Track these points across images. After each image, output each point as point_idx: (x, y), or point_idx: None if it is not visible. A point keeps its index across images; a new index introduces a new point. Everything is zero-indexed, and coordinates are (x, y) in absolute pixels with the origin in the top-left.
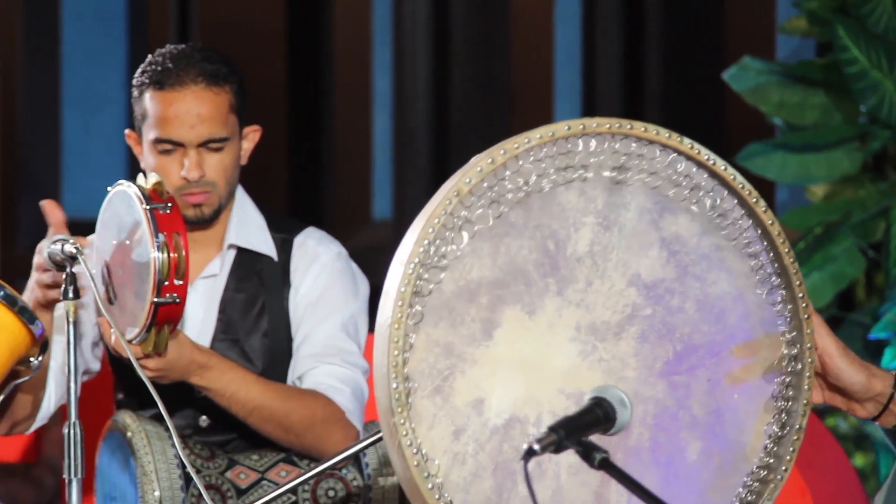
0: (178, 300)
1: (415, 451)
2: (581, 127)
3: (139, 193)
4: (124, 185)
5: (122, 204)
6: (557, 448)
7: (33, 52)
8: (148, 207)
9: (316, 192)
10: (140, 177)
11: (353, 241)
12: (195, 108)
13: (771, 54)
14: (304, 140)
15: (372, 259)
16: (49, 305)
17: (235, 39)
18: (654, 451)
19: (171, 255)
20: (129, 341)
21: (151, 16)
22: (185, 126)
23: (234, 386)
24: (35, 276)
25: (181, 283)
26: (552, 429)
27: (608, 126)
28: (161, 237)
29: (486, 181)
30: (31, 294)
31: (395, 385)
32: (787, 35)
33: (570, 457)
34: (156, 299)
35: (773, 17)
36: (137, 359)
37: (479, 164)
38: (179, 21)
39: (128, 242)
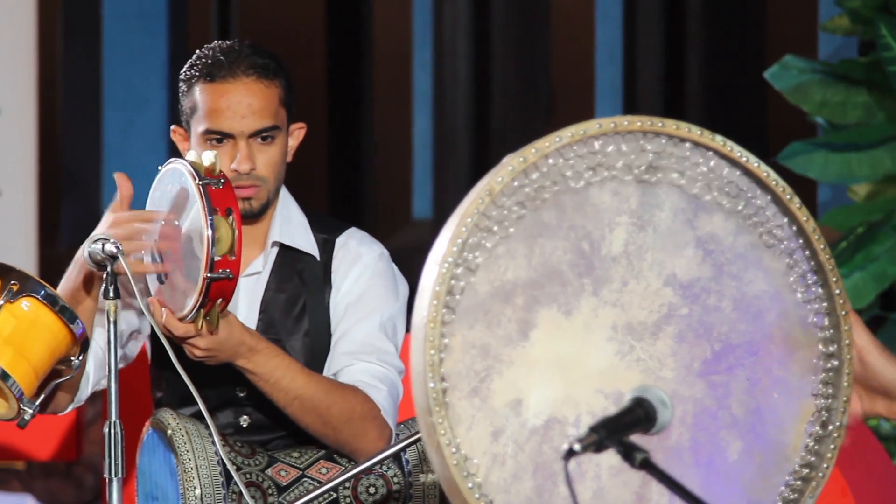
0: (231, 276)
1: (453, 449)
2: (612, 125)
3: (192, 169)
4: (176, 162)
5: (174, 181)
6: (598, 448)
7: (74, 52)
8: (201, 182)
9: (356, 192)
10: (193, 153)
11: (392, 241)
12: (246, 99)
13: (813, 53)
14: (345, 140)
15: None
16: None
17: (275, 39)
18: (694, 451)
19: (224, 230)
20: (181, 319)
21: (192, 15)
22: (236, 117)
23: (280, 372)
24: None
25: (234, 258)
26: (593, 429)
27: (639, 124)
28: (214, 212)
29: (518, 180)
30: (79, 272)
31: (431, 384)
32: (829, 33)
33: (610, 457)
34: (209, 275)
35: (816, 16)
36: (187, 338)
37: (510, 163)
38: (220, 20)
39: (179, 220)
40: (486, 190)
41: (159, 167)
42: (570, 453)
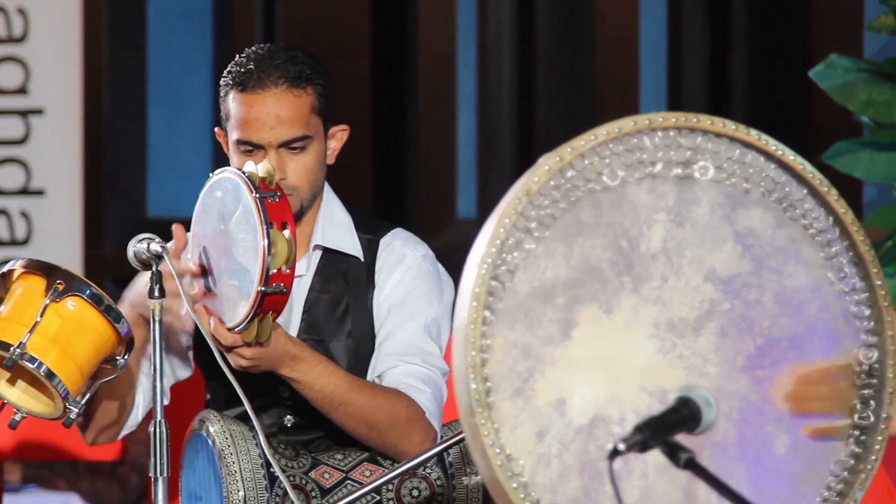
0: (284, 290)
1: (497, 450)
2: (647, 122)
3: (248, 181)
4: (229, 172)
5: (227, 190)
6: (643, 448)
7: (119, 52)
8: (258, 195)
9: (400, 191)
10: (250, 164)
11: (437, 240)
12: (275, 111)
13: (858, 52)
14: (389, 139)
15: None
16: (148, 323)
17: (320, 38)
18: (741, 447)
19: (280, 243)
20: (230, 329)
21: (237, 15)
22: (264, 128)
23: (324, 380)
24: (134, 290)
25: (288, 272)
26: (637, 428)
27: (674, 120)
28: (270, 225)
29: (555, 180)
30: (133, 310)
31: (474, 385)
32: (874, 32)
33: (657, 455)
34: (262, 288)
35: (861, 15)
36: (235, 347)
37: (546, 162)
38: (265, 20)
39: (230, 229)
40: (523, 190)
41: (211, 174)
42: (615, 453)
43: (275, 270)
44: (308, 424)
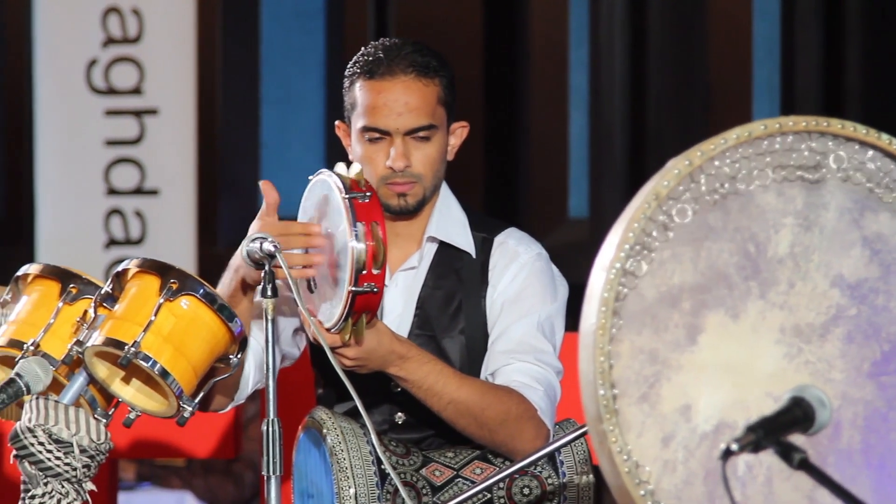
0: (375, 289)
1: (625, 457)
2: (777, 126)
3: (339, 182)
4: (324, 174)
5: (323, 192)
6: (756, 448)
7: (233, 52)
8: (347, 196)
9: (512, 191)
10: (341, 166)
11: (548, 239)
12: (403, 97)
13: None
14: (501, 138)
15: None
16: (251, 288)
17: (432, 37)
18: (865, 454)
19: (369, 243)
20: (328, 330)
21: (349, 14)
22: (392, 114)
23: (432, 378)
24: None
25: (379, 272)
26: (750, 428)
27: (804, 124)
28: (359, 226)
29: (683, 184)
30: (236, 274)
31: (602, 391)
32: None
33: (781, 461)
34: (353, 288)
35: None
36: (335, 348)
37: (675, 166)
38: (377, 19)
39: (326, 231)
40: (652, 194)
41: (310, 177)
42: (728, 453)
43: (365, 271)
44: (419, 422)
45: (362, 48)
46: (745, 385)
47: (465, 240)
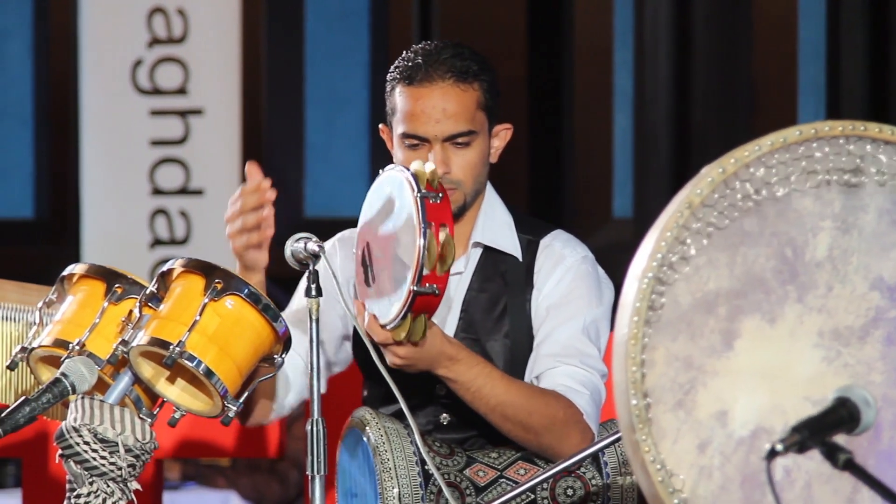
0: (437, 292)
1: (658, 467)
2: (813, 131)
3: (412, 180)
4: (397, 170)
5: (394, 188)
6: (800, 448)
7: (277, 52)
8: (419, 195)
9: (556, 191)
10: (417, 163)
11: (593, 240)
12: (441, 104)
13: None
14: (545, 138)
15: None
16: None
17: (476, 37)
18: None
19: (437, 245)
20: (383, 326)
21: (393, 15)
22: (430, 121)
23: (481, 381)
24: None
25: (442, 275)
26: (795, 429)
27: (841, 129)
28: (429, 226)
29: (718, 191)
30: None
31: (634, 401)
32: None
33: (820, 465)
34: (414, 288)
35: None
36: (386, 345)
37: (709, 174)
38: (421, 20)
39: (392, 227)
40: (685, 203)
41: (381, 170)
42: (773, 454)
43: (428, 272)
44: (463, 422)
45: (403, 52)
46: (782, 389)
47: (510, 243)
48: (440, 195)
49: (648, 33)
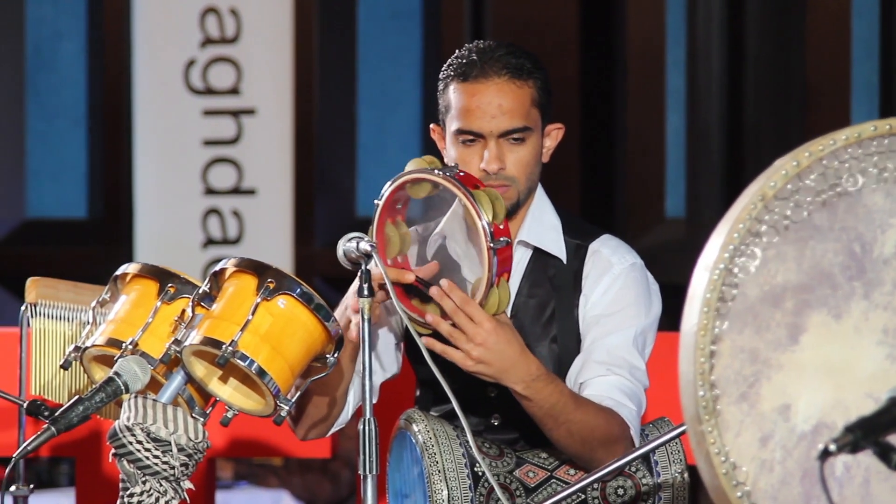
0: (508, 241)
1: (723, 459)
2: (888, 127)
3: (427, 167)
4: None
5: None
6: (854, 448)
7: (330, 53)
8: (445, 173)
9: (608, 190)
10: (411, 164)
11: (645, 239)
12: (497, 100)
13: None
14: (597, 138)
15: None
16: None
17: (528, 37)
18: None
19: (485, 200)
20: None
21: (445, 14)
22: (486, 117)
23: (555, 399)
24: (352, 297)
25: (504, 226)
26: (849, 428)
27: None
28: (473, 187)
29: (791, 184)
30: (345, 311)
31: (702, 392)
32: None
33: (879, 462)
34: (492, 244)
35: None
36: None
37: (783, 167)
38: (473, 20)
39: (436, 223)
40: (758, 195)
41: (375, 201)
42: (826, 454)
43: (492, 228)
44: (514, 423)
45: (456, 51)
46: (845, 385)
47: (557, 246)
48: (456, 167)
49: (701, 31)
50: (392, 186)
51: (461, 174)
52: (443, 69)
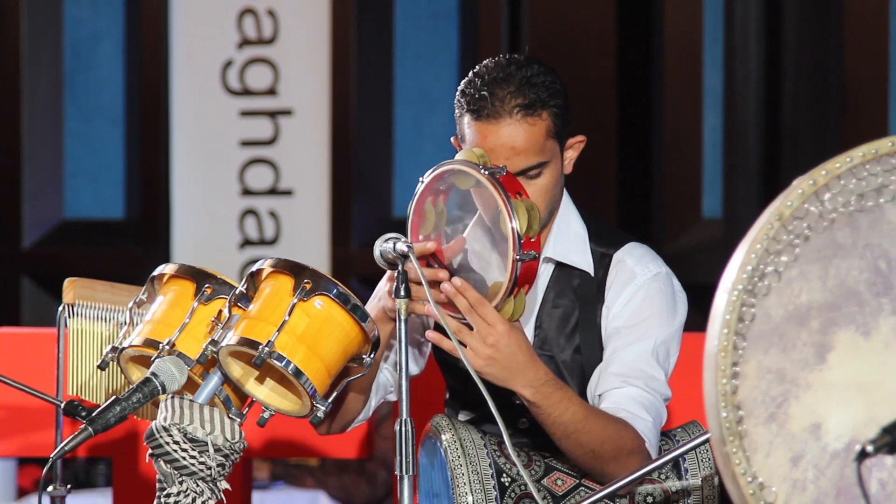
0: (536, 256)
1: (749, 479)
2: None
3: (471, 163)
4: (446, 165)
5: (448, 190)
6: (891, 449)
7: (367, 53)
8: (486, 171)
9: (645, 190)
10: (462, 153)
11: (682, 240)
12: (509, 142)
13: None
14: (635, 138)
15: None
16: (391, 319)
17: (565, 37)
18: None
19: (522, 211)
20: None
21: (483, 15)
22: (500, 159)
23: (563, 406)
24: (386, 286)
25: (535, 239)
26: (886, 430)
27: None
28: (510, 196)
29: (809, 203)
30: (378, 303)
31: (724, 414)
32: None
33: None
34: (518, 256)
35: None
36: (465, 344)
37: (800, 186)
38: (510, 21)
39: (465, 223)
40: (775, 215)
41: (420, 178)
42: (863, 455)
43: (522, 239)
44: (541, 427)
45: (470, 73)
46: (877, 402)
47: (582, 258)
48: (502, 168)
49: (738, 31)
50: (434, 174)
51: (504, 176)
52: (459, 90)
